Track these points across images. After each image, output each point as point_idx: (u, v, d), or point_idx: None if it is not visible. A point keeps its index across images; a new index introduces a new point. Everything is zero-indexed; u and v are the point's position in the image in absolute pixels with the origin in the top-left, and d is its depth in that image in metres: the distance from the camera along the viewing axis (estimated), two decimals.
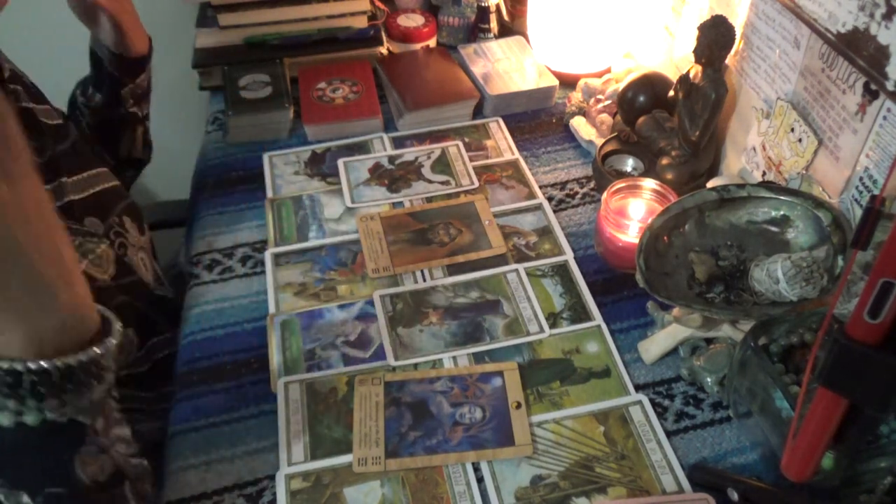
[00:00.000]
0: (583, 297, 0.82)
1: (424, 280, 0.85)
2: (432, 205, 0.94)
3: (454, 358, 0.76)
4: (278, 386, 0.73)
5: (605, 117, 1.04)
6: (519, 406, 0.71)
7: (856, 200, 0.72)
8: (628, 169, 0.97)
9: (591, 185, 0.98)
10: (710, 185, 0.88)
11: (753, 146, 0.87)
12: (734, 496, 0.62)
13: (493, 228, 0.90)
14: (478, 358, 0.76)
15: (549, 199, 0.95)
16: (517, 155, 1.02)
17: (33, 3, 1.41)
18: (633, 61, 1.15)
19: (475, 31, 1.24)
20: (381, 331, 0.79)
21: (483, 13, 1.21)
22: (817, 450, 0.52)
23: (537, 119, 1.10)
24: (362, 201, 0.95)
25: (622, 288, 0.83)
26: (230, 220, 0.94)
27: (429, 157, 1.02)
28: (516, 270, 0.85)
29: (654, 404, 0.72)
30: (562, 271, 0.85)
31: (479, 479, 0.66)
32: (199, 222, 0.94)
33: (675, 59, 1.06)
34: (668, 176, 0.90)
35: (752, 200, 0.77)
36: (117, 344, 0.49)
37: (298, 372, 0.75)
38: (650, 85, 0.98)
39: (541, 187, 0.97)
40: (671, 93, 0.94)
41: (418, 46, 1.21)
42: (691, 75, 0.89)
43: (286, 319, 0.80)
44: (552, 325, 0.79)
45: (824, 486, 0.58)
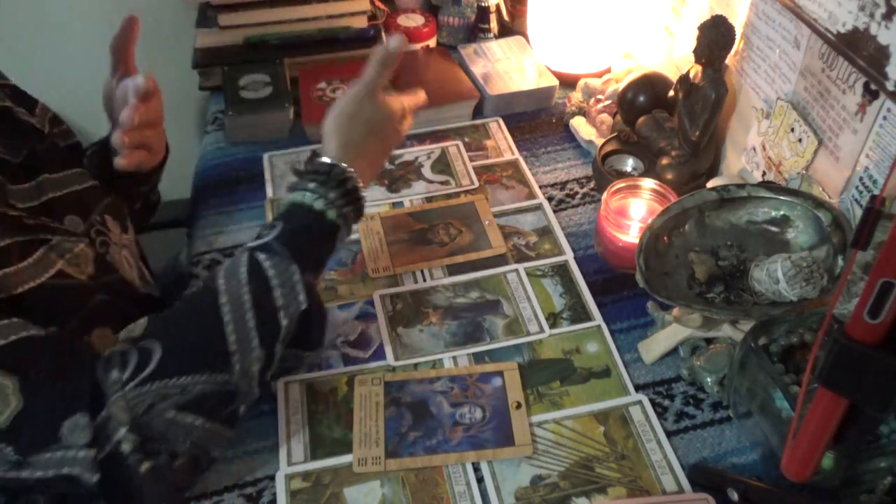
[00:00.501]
0: (583, 297, 0.82)
1: (424, 280, 0.84)
2: (432, 205, 0.94)
3: (454, 358, 0.76)
4: (278, 386, 0.73)
5: (605, 117, 1.04)
6: (519, 406, 0.71)
7: (856, 200, 0.72)
8: (628, 169, 0.97)
9: (591, 185, 0.98)
10: (710, 185, 0.88)
11: (753, 146, 0.87)
12: (734, 496, 0.62)
13: (493, 228, 0.90)
14: (478, 358, 0.76)
15: (549, 199, 0.95)
16: (517, 155, 1.02)
17: (30, 5, 1.41)
18: (633, 61, 1.15)
19: (475, 31, 1.24)
20: (381, 331, 0.79)
21: (483, 13, 1.21)
22: (817, 450, 0.52)
23: (537, 119, 1.10)
24: None
25: (622, 288, 0.83)
26: (230, 220, 0.94)
27: (429, 157, 1.02)
28: (516, 270, 0.85)
29: (654, 404, 0.72)
30: (562, 271, 0.85)
31: (479, 479, 0.66)
32: (200, 222, 0.94)
33: (675, 59, 1.06)
34: (668, 176, 0.90)
35: (752, 200, 0.77)
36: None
37: (298, 372, 0.75)
38: (650, 85, 0.98)
39: (541, 187, 0.97)
40: (671, 93, 0.94)
41: (418, 46, 1.21)
42: (691, 75, 0.89)
43: None
44: (552, 325, 0.79)
45: (824, 486, 0.58)
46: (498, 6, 1.23)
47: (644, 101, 0.98)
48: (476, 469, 0.67)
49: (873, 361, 0.46)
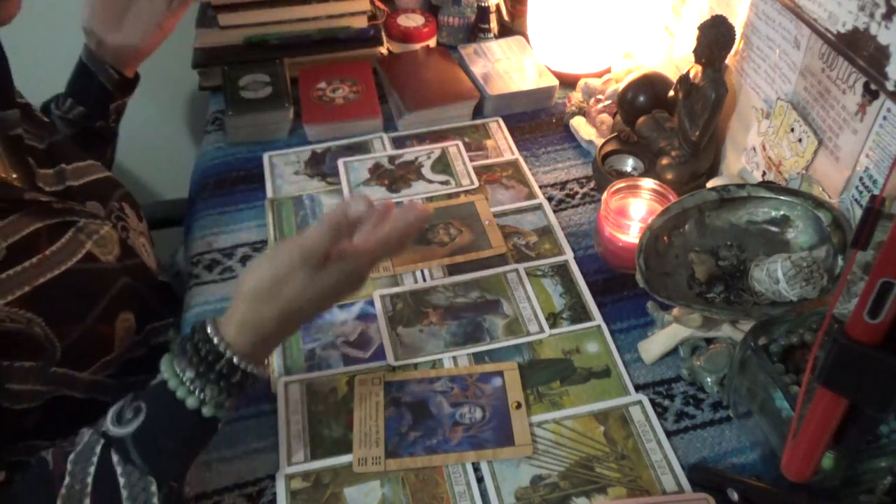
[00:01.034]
0: (583, 297, 0.82)
1: (424, 280, 0.84)
2: (432, 205, 0.94)
3: (454, 358, 0.76)
4: (278, 386, 0.73)
5: (605, 117, 1.04)
6: (519, 406, 0.71)
7: (856, 200, 0.72)
8: (628, 169, 0.97)
9: (591, 185, 0.98)
10: (710, 185, 0.88)
11: (753, 146, 0.87)
12: (734, 496, 0.62)
13: (493, 228, 0.90)
14: (478, 358, 0.76)
15: (549, 199, 0.95)
16: (517, 155, 1.02)
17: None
18: (633, 61, 1.15)
19: (475, 31, 1.24)
20: (381, 331, 0.79)
21: (483, 13, 1.21)
22: (817, 450, 0.52)
23: (537, 119, 1.10)
24: None
25: (622, 288, 0.83)
26: (230, 220, 0.94)
27: (429, 157, 1.02)
28: (516, 270, 0.85)
29: (654, 404, 0.72)
30: (562, 271, 0.85)
31: (479, 479, 0.66)
32: (199, 222, 0.94)
33: (675, 59, 1.06)
34: (668, 176, 0.90)
35: (752, 200, 0.77)
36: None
37: (298, 372, 0.75)
38: (650, 85, 0.98)
39: (541, 187, 0.97)
40: (671, 93, 0.94)
41: (418, 46, 1.20)
42: (691, 75, 0.89)
43: None
44: (552, 325, 0.79)
45: (824, 486, 0.58)
46: (498, 6, 1.23)
47: (644, 101, 0.98)
48: (476, 469, 0.67)
49: (873, 361, 0.46)
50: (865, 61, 0.66)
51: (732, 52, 0.87)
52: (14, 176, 0.71)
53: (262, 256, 0.61)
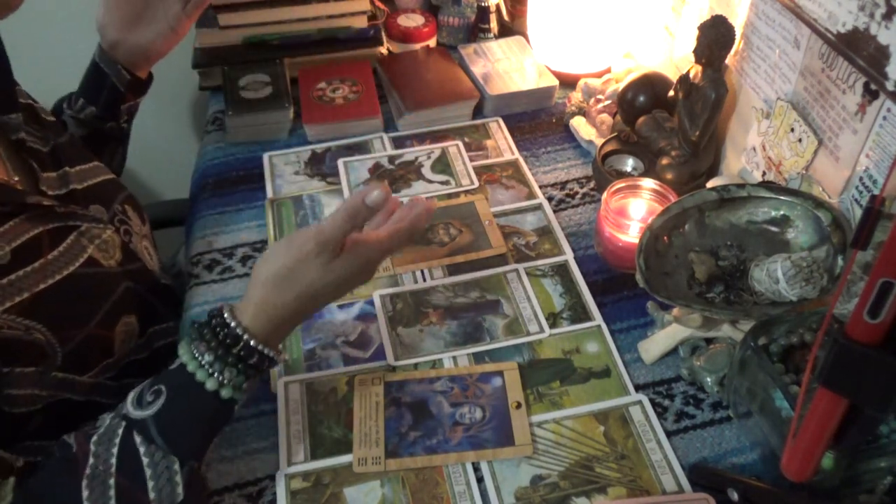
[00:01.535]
0: (583, 297, 0.82)
1: (424, 280, 0.84)
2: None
3: (454, 358, 0.76)
4: (278, 386, 0.73)
5: (605, 117, 1.04)
6: (519, 406, 0.71)
7: (856, 200, 0.72)
8: (628, 169, 0.97)
9: (591, 185, 0.98)
10: (710, 185, 0.88)
11: (753, 146, 0.87)
12: (734, 496, 0.62)
13: (493, 228, 0.90)
14: (478, 358, 0.76)
15: (549, 199, 0.95)
16: (517, 155, 1.02)
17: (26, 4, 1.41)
18: (633, 61, 1.15)
19: (475, 31, 1.24)
20: (381, 331, 0.79)
21: (483, 13, 1.21)
22: (817, 450, 0.52)
23: (537, 119, 1.10)
24: None
25: (622, 288, 0.83)
26: (230, 220, 0.94)
27: (429, 157, 1.02)
28: (516, 270, 0.85)
29: (654, 404, 0.72)
30: (562, 271, 0.85)
31: (479, 479, 0.66)
32: (199, 222, 0.94)
33: (675, 59, 1.06)
34: (668, 176, 0.90)
35: (752, 200, 0.77)
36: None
37: (298, 372, 0.75)
38: (650, 85, 0.98)
39: (541, 187, 0.97)
40: (671, 93, 0.94)
41: (418, 46, 1.20)
42: (691, 75, 0.89)
43: None
44: (552, 325, 0.79)
45: (824, 486, 0.58)
46: (498, 6, 1.23)
47: (644, 101, 0.98)
48: (476, 469, 0.67)
49: (873, 361, 0.46)
50: (865, 61, 0.66)
51: (732, 52, 0.87)
52: (16, 179, 0.71)
53: (279, 244, 0.63)
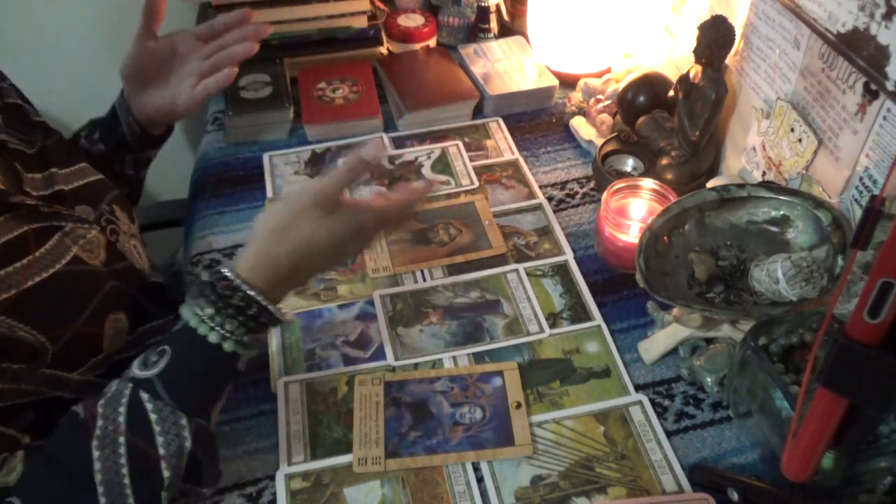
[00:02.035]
0: (583, 297, 0.82)
1: (424, 280, 0.84)
2: (432, 205, 0.94)
3: (454, 358, 0.76)
4: (278, 386, 0.73)
5: (605, 117, 1.04)
6: (519, 406, 0.71)
7: (856, 200, 0.72)
8: (628, 169, 0.97)
9: (591, 185, 0.98)
10: (710, 185, 0.88)
11: (753, 146, 0.87)
12: (734, 496, 0.62)
13: (493, 228, 0.90)
14: (478, 358, 0.76)
15: (549, 199, 0.95)
16: (517, 155, 1.02)
17: (20, 4, 1.41)
18: (633, 61, 1.14)
19: (475, 31, 1.24)
20: (381, 331, 0.79)
21: (483, 13, 1.21)
22: (817, 450, 0.52)
23: (537, 119, 1.10)
24: None
25: (622, 288, 0.83)
26: (230, 220, 0.94)
27: (429, 157, 1.02)
28: (516, 270, 0.85)
29: (654, 404, 0.72)
30: (562, 271, 0.85)
31: (479, 479, 0.66)
32: (199, 222, 0.94)
33: (675, 59, 1.06)
34: (668, 176, 0.90)
35: (752, 200, 0.77)
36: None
37: (298, 372, 0.75)
38: (650, 85, 0.98)
39: (541, 187, 0.97)
40: (671, 93, 0.94)
41: (418, 46, 1.20)
42: (691, 75, 0.89)
43: None
44: (552, 325, 0.79)
45: (824, 486, 0.58)
46: (498, 6, 1.23)
47: (644, 101, 0.98)
48: (476, 469, 0.67)
49: (873, 361, 0.46)
50: (865, 61, 0.66)
51: (732, 52, 0.87)
52: None
53: (278, 199, 0.64)
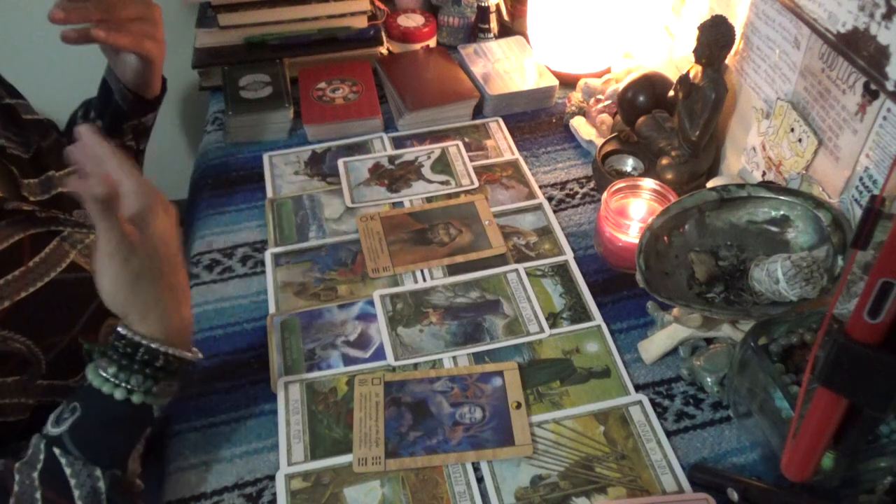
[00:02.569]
0: (583, 297, 0.82)
1: (424, 280, 0.84)
2: (432, 205, 0.94)
3: (454, 358, 0.76)
4: (278, 386, 0.73)
5: (605, 117, 1.04)
6: (519, 406, 0.71)
7: (856, 200, 0.72)
8: (628, 169, 0.97)
9: (591, 185, 0.98)
10: (710, 185, 0.88)
11: (753, 146, 0.87)
12: (734, 496, 0.62)
13: (493, 228, 0.90)
14: (478, 358, 0.76)
15: (549, 199, 0.95)
16: (517, 155, 1.02)
17: (21, 3, 1.41)
18: (633, 61, 1.14)
19: (475, 31, 1.24)
20: (381, 331, 0.79)
21: (483, 13, 1.21)
22: (817, 450, 0.52)
23: (537, 119, 1.10)
24: (362, 201, 0.95)
25: (622, 288, 0.83)
26: (230, 220, 0.94)
27: (429, 157, 1.02)
28: (516, 270, 0.85)
29: (654, 404, 0.72)
30: (562, 271, 0.85)
31: (479, 479, 0.66)
32: (199, 222, 0.94)
33: (675, 59, 1.06)
34: (668, 176, 0.90)
35: (752, 200, 0.77)
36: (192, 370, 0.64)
37: (298, 372, 0.75)
38: (650, 85, 0.98)
39: (541, 187, 0.97)
40: (671, 93, 0.94)
41: (418, 46, 1.21)
42: (691, 75, 0.89)
43: (286, 319, 0.80)
44: (552, 325, 0.79)
45: (824, 486, 0.58)
46: (498, 6, 1.23)
47: (644, 101, 0.98)
48: (476, 469, 0.67)
49: (873, 361, 0.46)
50: (865, 61, 0.66)
51: (732, 52, 0.87)
52: None
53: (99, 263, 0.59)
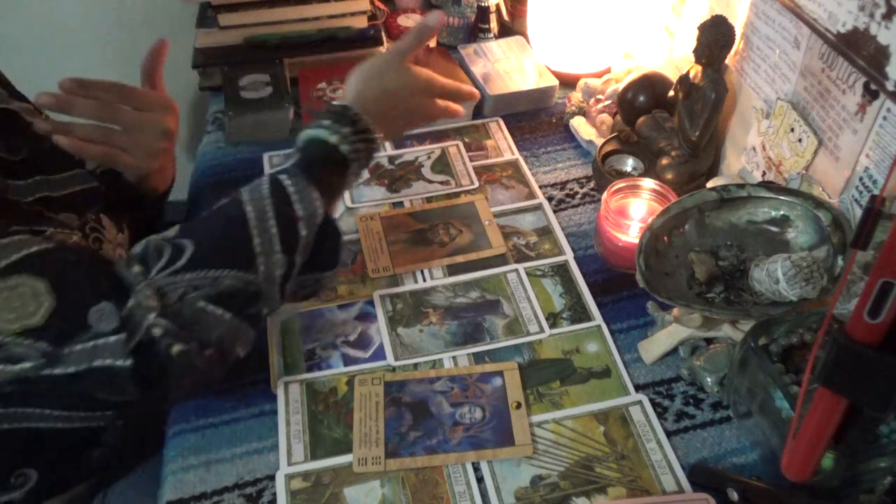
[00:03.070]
0: (583, 297, 0.82)
1: (424, 280, 0.85)
2: (432, 205, 0.94)
3: (454, 358, 0.76)
4: (278, 386, 0.73)
5: (605, 117, 1.04)
6: (519, 406, 0.71)
7: (856, 200, 0.72)
8: (628, 169, 0.97)
9: (591, 185, 0.98)
10: (710, 185, 0.88)
11: (753, 146, 0.87)
12: (734, 496, 0.62)
13: (493, 228, 0.90)
14: (478, 358, 0.76)
15: (549, 199, 0.95)
16: (517, 155, 1.02)
17: (28, 4, 1.41)
18: (633, 61, 1.14)
19: (475, 31, 1.24)
20: (381, 331, 0.79)
21: (483, 13, 1.21)
22: (817, 450, 0.52)
23: (537, 119, 1.10)
24: (362, 201, 0.95)
25: (622, 288, 0.83)
26: None
27: (429, 157, 1.02)
28: (516, 270, 0.85)
29: (654, 404, 0.72)
30: (562, 271, 0.85)
31: (479, 479, 0.66)
32: None
33: (675, 59, 1.06)
34: (668, 176, 0.90)
35: (752, 200, 0.77)
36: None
37: (298, 372, 0.75)
38: (650, 85, 0.98)
39: (541, 187, 0.97)
40: (671, 93, 0.94)
41: None
42: (691, 75, 0.89)
43: (286, 319, 0.80)
44: (552, 325, 0.79)
45: (824, 486, 0.58)
46: (498, 6, 1.23)
47: (644, 101, 0.98)
48: (476, 469, 0.67)
49: (873, 361, 0.46)
50: (865, 61, 0.66)
51: (732, 52, 0.87)
52: None
53: (365, 62, 0.81)
